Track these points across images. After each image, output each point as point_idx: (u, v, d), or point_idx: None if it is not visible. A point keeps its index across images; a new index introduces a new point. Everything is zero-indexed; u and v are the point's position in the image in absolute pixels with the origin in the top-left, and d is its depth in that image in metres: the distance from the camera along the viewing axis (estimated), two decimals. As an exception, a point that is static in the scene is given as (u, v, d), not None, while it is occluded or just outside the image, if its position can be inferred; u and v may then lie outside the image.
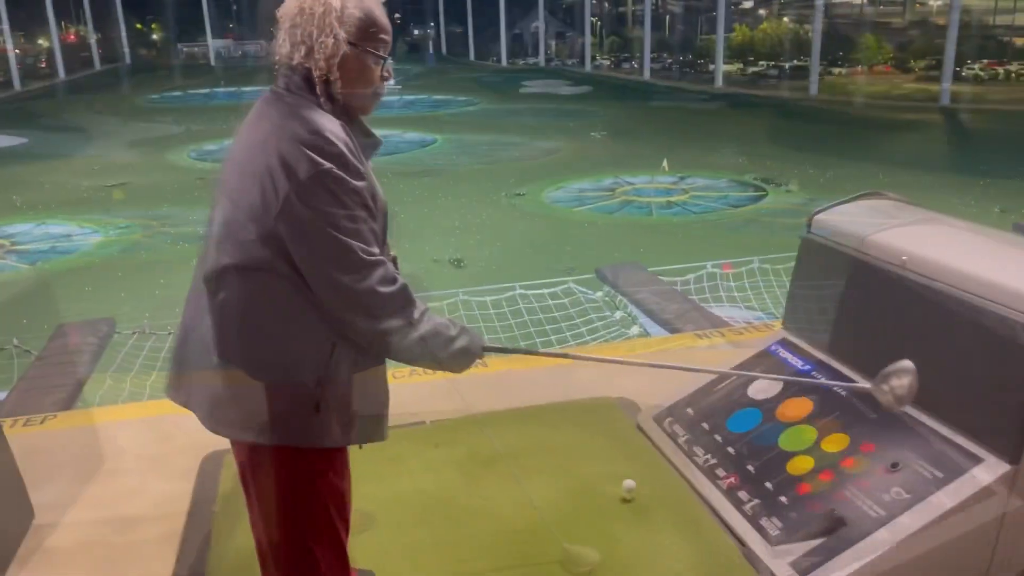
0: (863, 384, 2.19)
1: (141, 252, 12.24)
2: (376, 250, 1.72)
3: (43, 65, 42.05)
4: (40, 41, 43.86)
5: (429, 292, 7.13)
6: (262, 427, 1.73)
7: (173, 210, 13.61)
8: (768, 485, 2.69)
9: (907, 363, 2.14)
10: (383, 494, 2.92)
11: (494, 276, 8.41)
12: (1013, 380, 2.31)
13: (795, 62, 43.38)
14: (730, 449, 2.92)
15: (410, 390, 3.85)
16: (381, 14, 1.76)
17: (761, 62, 46.16)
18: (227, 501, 2.84)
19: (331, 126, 1.67)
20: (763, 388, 3.09)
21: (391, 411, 1.82)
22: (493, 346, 2.01)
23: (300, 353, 1.71)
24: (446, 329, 1.81)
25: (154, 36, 61.16)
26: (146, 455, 3.35)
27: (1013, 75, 41.16)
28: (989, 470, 2.34)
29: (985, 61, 43.61)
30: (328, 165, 1.63)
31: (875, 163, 18.84)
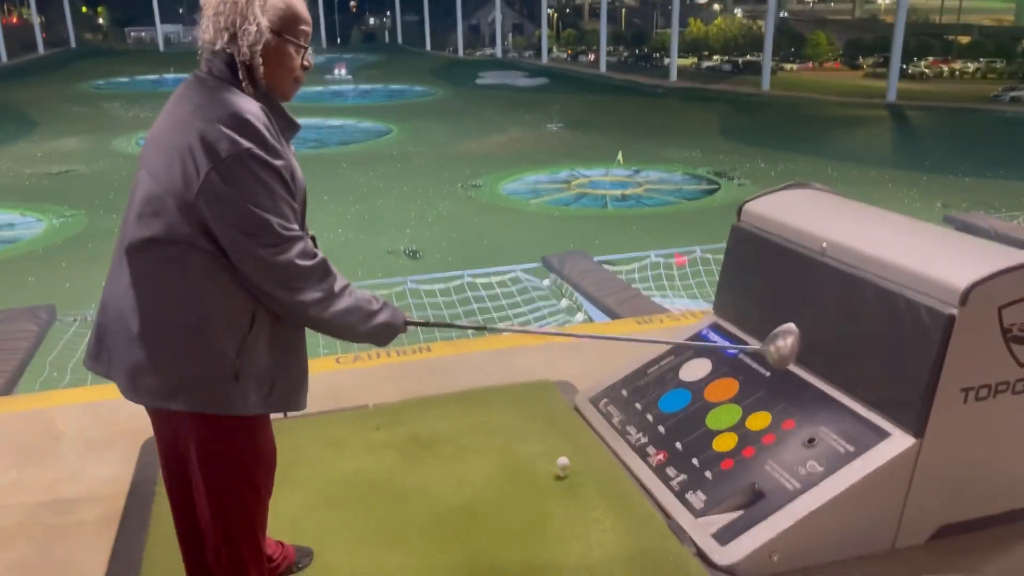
0: (754, 345, 2.33)
1: (87, 242, 12.01)
2: (295, 226, 1.79)
3: (-16, 48, 40.69)
4: (-19, 23, 42.39)
5: (376, 280, 7.16)
6: (183, 395, 1.79)
7: (120, 198, 13.35)
8: (694, 461, 2.81)
9: (790, 325, 2.31)
10: (324, 475, 2.97)
11: (450, 268, 8.48)
12: (917, 359, 2.45)
13: (748, 57, 44.11)
14: (661, 428, 3.03)
15: (355, 375, 3.90)
16: (302, 5, 1.84)
17: (715, 57, 46.83)
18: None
19: (251, 108, 1.74)
20: (694, 370, 3.21)
21: (335, 395, 1.88)
22: (416, 320, 2.07)
23: (220, 324, 1.77)
24: (367, 304, 1.89)
25: (101, 20, 59.53)
26: (86, 439, 3.34)
27: (957, 73, 42.47)
28: (896, 444, 2.49)
29: (931, 59, 44.90)
30: (247, 144, 1.69)
31: (824, 157, 19.32)
